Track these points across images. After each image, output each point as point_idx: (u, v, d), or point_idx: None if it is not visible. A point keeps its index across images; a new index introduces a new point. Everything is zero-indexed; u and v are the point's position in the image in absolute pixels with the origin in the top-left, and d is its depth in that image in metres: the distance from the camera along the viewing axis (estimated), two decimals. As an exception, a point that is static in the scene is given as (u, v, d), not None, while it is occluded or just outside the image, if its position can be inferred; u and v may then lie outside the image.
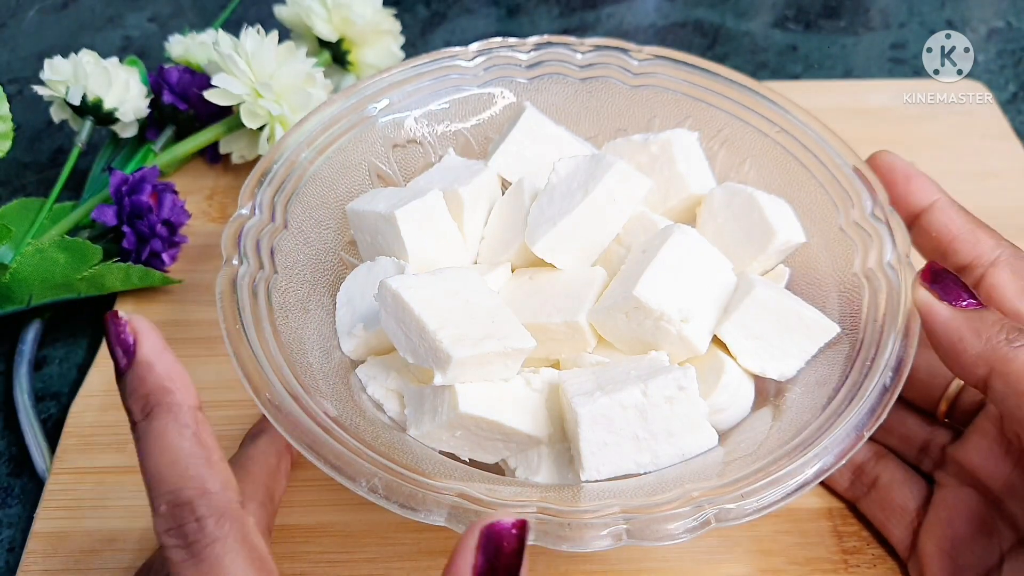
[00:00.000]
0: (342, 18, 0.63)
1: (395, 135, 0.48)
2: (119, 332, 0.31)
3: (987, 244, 0.40)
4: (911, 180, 0.42)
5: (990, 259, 0.40)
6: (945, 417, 0.42)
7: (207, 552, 0.28)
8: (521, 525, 0.29)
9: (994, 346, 0.34)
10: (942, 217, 0.41)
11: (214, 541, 0.28)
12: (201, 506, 0.29)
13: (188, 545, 0.28)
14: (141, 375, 0.31)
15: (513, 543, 0.29)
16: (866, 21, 0.83)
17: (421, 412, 0.38)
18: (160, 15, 0.83)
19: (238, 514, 0.29)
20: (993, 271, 0.39)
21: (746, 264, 0.43)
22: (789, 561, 0.43)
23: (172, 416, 0.30)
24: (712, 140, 0.48)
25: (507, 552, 0.28)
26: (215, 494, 0.29)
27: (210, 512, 0.28)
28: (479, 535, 0.29)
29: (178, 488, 0.29)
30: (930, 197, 0.42)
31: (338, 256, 0.45)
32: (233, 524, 0.29)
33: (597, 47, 0.49)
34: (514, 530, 0.29)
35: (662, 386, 0.36)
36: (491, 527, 0.29)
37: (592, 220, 0.42)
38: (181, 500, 0.29)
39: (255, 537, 0.29)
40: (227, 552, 0.28)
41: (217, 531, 0.28)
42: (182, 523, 0.28)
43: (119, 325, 0.31)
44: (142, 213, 0.54)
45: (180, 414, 0.30)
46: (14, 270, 0.51)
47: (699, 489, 0.33)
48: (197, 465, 0.29)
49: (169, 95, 0.61)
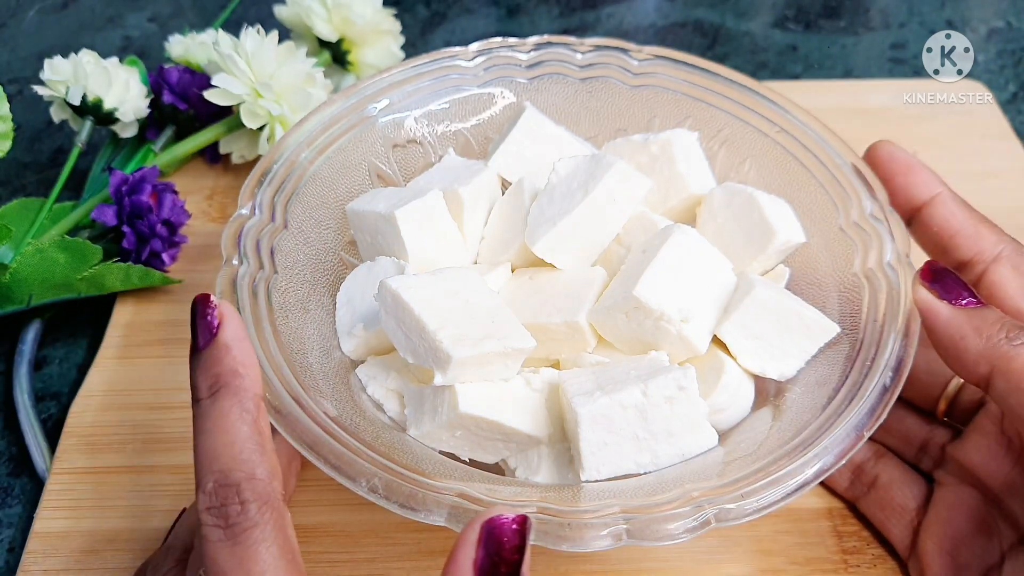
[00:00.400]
0: (342, 18, 0.63)
1: (395, 135, 0.48)
2: (207, 313, 0.32)
3: (989, 240, 0.40)
4: (912, 172, 0.42)
5: (992, 255, 0.39)
6: (945, 416, 0.42)
7: (244, 536, 0.29)
8: (522, 520, 0.29)
9: (995, 344, 0.34)
10: (943, 211, 0.41)
11: (254, 526, 0.29)
12: (247, 490, 0.29)
13: (228, 526, 0.29)
14: (218, 355, 0.32)
15: (514, 538, 0.29)
16: (866, 21, 0.83)
17: (421, 412, 0.38)
18: (160, 15, 0.83)
19: (279, 505, 0.30)
20: (995, 267, 0.39)
21: (746, 264, 0.43)
22: (789, 561, 0.43)
23: (238, 399, 0.31)
24: (712, 140, 0.48)
25: (508, 547, 0.28)
26: (262, 481, 0.29)
27: (254, 497, 0.29)
28: (480, 529, 0.29)
29: (229, 468, 0.29)
30: (932, 190, 0.41)
31: (338, 256, 0.45)
32: (274, 513, 0.29)
33: (597, 47, 0.49)
34: (515, 525, 0.29)
35: (662, 386, 0.36)
36: (492, 522, 0.29)
37: (592, 220, 0.42)
38: (229, 481, 0.29)
39: (291, 531, 0.30)
40: (264, 539, 0.29)
41: (258, 517, 0.29)
42: (225, 503, 0.29)
43: (209, 306, 0.33)
44: (142, 213, 0.54)
45: (245, 399, 0.31)
46: (14, 270, 0.51)
47: (699, 489, 0.33)
48: (251, 450, 0.30)
49: (169, 95, 0.61)
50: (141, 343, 0.52)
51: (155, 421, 0.48)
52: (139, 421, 0.48)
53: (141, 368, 0.51)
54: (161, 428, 0.48)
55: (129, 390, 0.50)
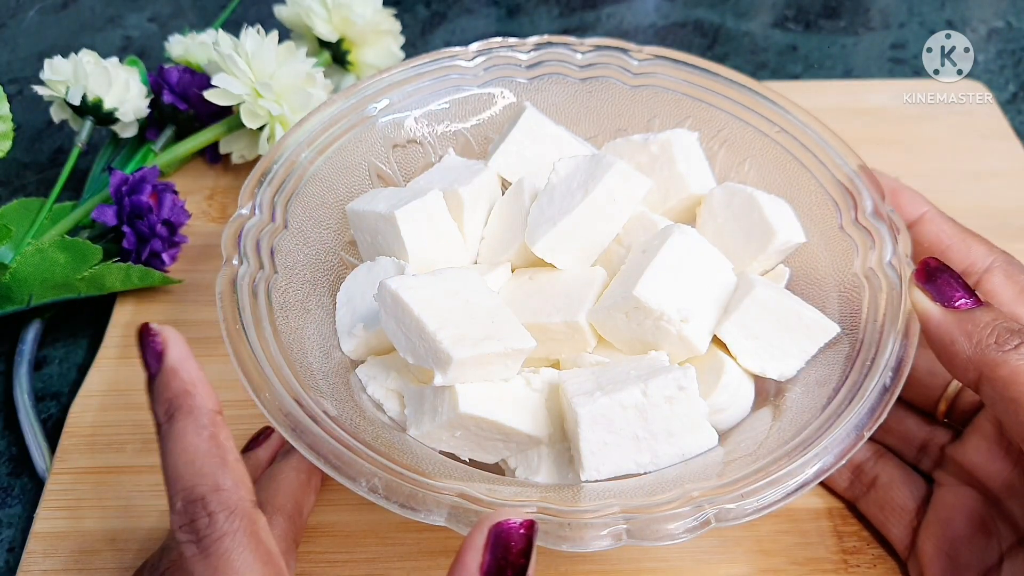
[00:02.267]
0: (342, 18, 0.63)
1: (395, 135, 0.48)
2: (152, 342, 0.33)
3: (980, 252, 0.40)
4: (898, 194, 0.43)
5: (983, 266, 0.40)
6: (944, 417, 0.42)
7: (216, 546, 0.29)
8: (530, 525, 0.29)
9: (983, 350, 0.34)
10: (933, 228, 0.41)
11: (223, 536, 0.29)
12: (212, 502, 0.29)
13: (199, 539, 0.29)
14: (166, 381, 0.32)
15: (521, 543, 0.29)
16: (866, 21, 0.83)
17: (421, 412, 0.38)
18: (160, 15, 0.83)
19: (249, 511, 0.30)
20: (988, 277, 0.39)
21: (746, 264, 0.43)
22: (789, 561, 0.43)
23: (192, 418, 0.31)
24: (712, 140, 0.48)
25: (515, 552, 0.29)
26: (227, 491, 0.30)
27: (221, 508, 0.29)
28: (488, 534, 0.29)
29: (192, 485, 0.30)
30: (918, 209, 0.42)
31: (338, 256, 0.45)
32: (243, 520, 0.29)
33: (597, 47, 0.49)
34: (523, 530, 0.29)
35: (662, 386, 0.36)
36: (500, 526, 0.29)
37: (592, 220, 0.42)
38: (194, 496, 0.29)
39: (265, 535, 0.30)
40: (235, 547, 0.29)
41: (227, 526, 0.29)
42: (194, 518, 0.29)
43: (152, 335, 0.33)
44: (142, 213, 0.54)
45: (199, 416, 0.31)
46: (14, 270, 0.51)
47: (699, 489, 0.33)
48: (212, 464, 0.30)
49: (169, 95, 0.61)
50: (141, 343, 0.52)
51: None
52: (139, 421, 0.48)
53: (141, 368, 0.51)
54: (161, 428, 0.48)
55: (129, 390, 0.50)
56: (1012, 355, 0.34)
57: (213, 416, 0.31)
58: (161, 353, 0.32)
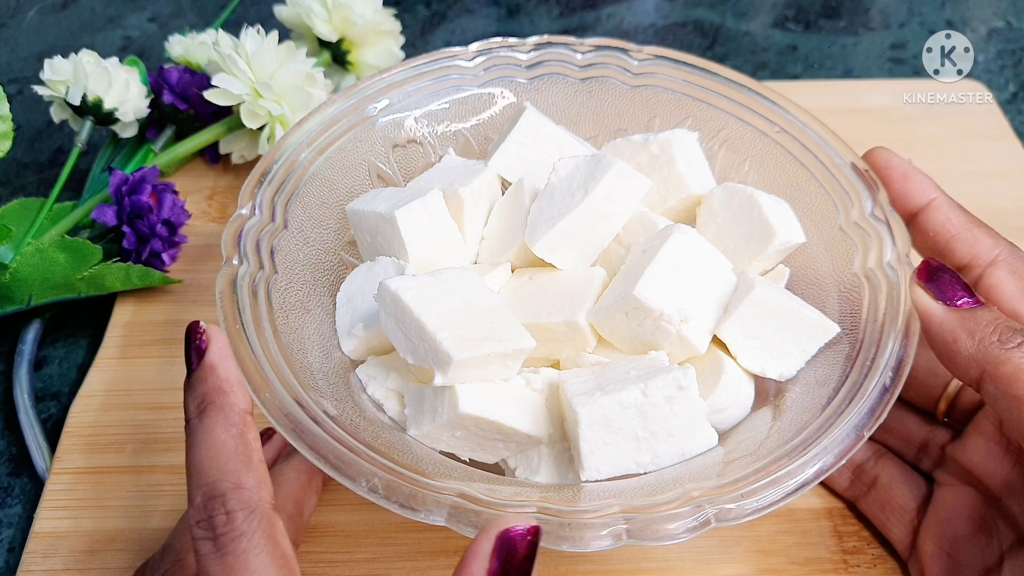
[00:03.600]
0: (342, 18, 0.63)
1: (395, 135, 0.48)
2: (196, 338, 0.33)
3: (985, 243, 0.40)
4: (908, 178, 0.42)
5: (988, 259, 0.39)
6: (944, 417, 0.42)
7: (232, 546, 0.29)
8: (535, 531, 0.30)
9: (986, 347, 0.34)
10: (939, 216, 0.41)
11: (241, 535, 0.29)
12: (232, 500, 0.29)
13: (216, 537, 0.29)
14: (203, 376, 0.32)
15: (527, 549, 0.29)
16: (866, 21, 0.83)
17: (421, 412, 0.38)
18: (160, 15, 0.83)
19: (268, 513, 0.30)
20: (991, 271, 0.39)
21: (746, 264, 0.43)
22: (789, 561, 0.43)
23: (223, 415, 0.31)
24: (712, 140, 0.48)
25: (521, 558, 0.29)
26: (248, 490, 0.30)
27: (240, 506, 0.29)
28: (495, 541, 0.29)
29: (215, 480, 0.30)
30: (927, 196, 0.41)
31: (338, 256, 0.45)
32: (262, 521, 0.29)
33: (597, 47, 0.49)
34: (528, 536, 0.29)
35: (662, 386, 0.36)
36: (507, 533, 0.29)
37: (592, 220, 0.42)
38: (215, 492, 0.29)
39: (282, 537, 0.30)
40: (252, 547, 0.29)
41: (245, 526, 0.29)
42: (212, 515, 0.29)
43: (198, 331, 0.33)
44: (142, 213, 0.54)
45: (230, 414, 0.31)
46: (14, 270, 0.51)
47: (699, 489, 0.33)
48: (237, 461, 0.30)
49: (169, 95, 0.61)
50: (141, 343, 0.52)
51: (155, 421, 0.48)
52: (139, 421, 0.48)
53: (141, 368, 0.51)
54: (161, 428, 0.48)
55: (129, 390, 0.50)
56: (1015, 353, 0.33)
57: (244, 415, 0.32)
58: (203, 350, 0.33)
